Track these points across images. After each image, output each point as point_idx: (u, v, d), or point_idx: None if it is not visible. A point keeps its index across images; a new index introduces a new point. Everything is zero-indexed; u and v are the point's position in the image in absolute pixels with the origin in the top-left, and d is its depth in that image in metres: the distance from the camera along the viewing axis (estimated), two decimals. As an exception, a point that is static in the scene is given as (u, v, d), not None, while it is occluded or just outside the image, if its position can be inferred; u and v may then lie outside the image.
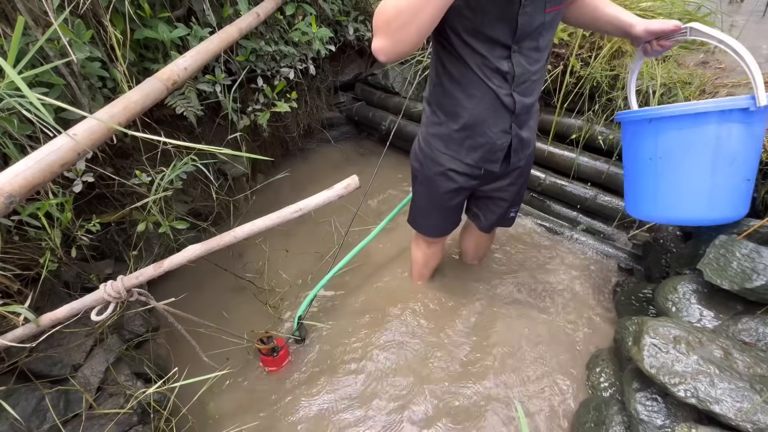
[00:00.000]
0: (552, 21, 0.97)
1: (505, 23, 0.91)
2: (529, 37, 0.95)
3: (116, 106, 0.95)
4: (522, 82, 1.02)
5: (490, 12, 0.89)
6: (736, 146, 0.93)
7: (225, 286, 1.83)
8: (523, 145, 1.21)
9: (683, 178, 1.01)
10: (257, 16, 1.63)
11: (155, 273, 0.98)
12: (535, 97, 1.11)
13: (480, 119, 1.09)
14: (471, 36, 0.95)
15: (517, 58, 0.97)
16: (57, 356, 1.22)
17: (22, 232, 1.18)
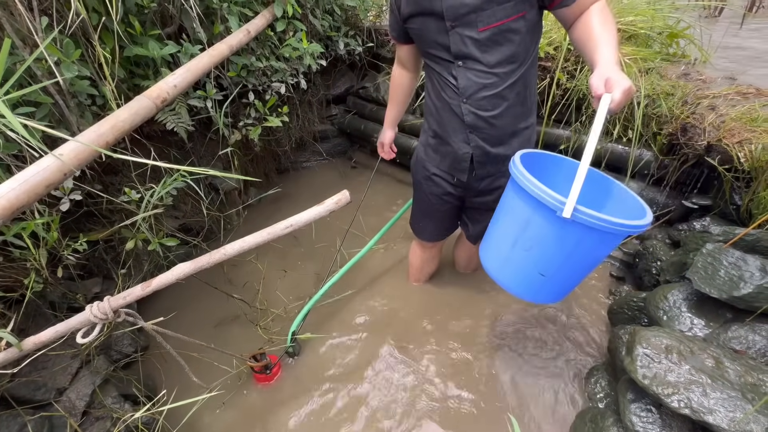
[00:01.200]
0: (491, 38, 0.98)
1: (441, 43, 1.05)
2: (468, 55, 1.03)
3: (104, 125, 0.94)
4: (471, 94, 1.08)
5: (428, 35, 1.06)
6: (537, 237, 0.91)
7: (217, 306, 1.80)
8: (490, 160, 1.21)
9: (496, 231, 1.07)
10: (248, 32, 1.64)
11: (143, 293, 0.96)
12: (499, 112, 1.09)
13: (443, 128, 1.22)
14: (425, 54, 1.15)
15: (462, 72, 1.07)
16: (41, 380, 1.18)
17: (6, 253, 1.15)
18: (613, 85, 0.81)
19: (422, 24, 1.06)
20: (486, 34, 0.98)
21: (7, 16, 1.01)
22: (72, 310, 1.35)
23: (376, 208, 2.42)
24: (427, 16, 1.04)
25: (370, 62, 2.81)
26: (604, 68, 0.85)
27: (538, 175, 0.89)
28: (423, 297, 1.83)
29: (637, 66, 1.75)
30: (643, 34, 1.88)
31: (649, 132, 1.73)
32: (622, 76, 0.82)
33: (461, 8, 0.96)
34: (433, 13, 1.01)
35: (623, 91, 0.79)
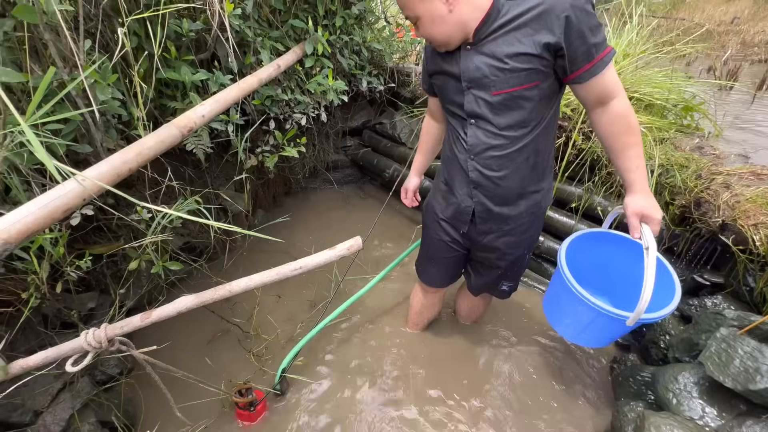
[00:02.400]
0: (504, 102, 1.01)
1: (457, 101, 1.10)
2: (480, 115, 1.07)
3: (130, 152, 0.95)
4: (479, 152, 1.11)
5: (447, 92, 1.12)
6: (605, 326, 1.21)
7: (209, 328, 1.76)
8: (493, 217, 1.21)
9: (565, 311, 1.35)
10: (278, 67, 1.70)
11: (141, 324, 0.93)
12: (505, 173, 1.11)
13: (451, 179, 1.26)
14: (444, 108, 1.21)
15: (473, 129, 1.10)
16: (18, 401, 1.13)
17: (7, 263, 1.14)
18: (650, 221, 1.00)
19: (443, 82, 1.13)
20: (498, 98, 1.01)
21: (54, 38, 1.05)
22: (64, 326, 1.31)
23: (381, 243, 2.41)
24: (447, 76, 1.10)
25: (389, 100, 2.89)
26: (639, 200, 1.01)
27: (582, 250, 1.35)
28: (421, 345, 1.77)
29: (652, 135, 1.78)
30: (659, 105, 1.93)
31: (661, 201, 1.73)
32: (656, 208, 1.00)
33: (476, 72, 1.00)
34: (452, 74, 1.07)
35: (659, 224, 0.99)
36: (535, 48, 0.91)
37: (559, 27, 0.88)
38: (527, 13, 0.91)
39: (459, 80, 1.05)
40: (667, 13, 6.98)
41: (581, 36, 0.89)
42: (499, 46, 0.96)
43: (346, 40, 2.13)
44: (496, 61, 0.97)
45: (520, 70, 0.95)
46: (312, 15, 1.95)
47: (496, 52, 0.96)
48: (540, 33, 0.90)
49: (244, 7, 1.64)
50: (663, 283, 1.21)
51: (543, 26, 0.90)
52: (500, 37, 0.96)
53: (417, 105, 2.62)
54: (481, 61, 0.99)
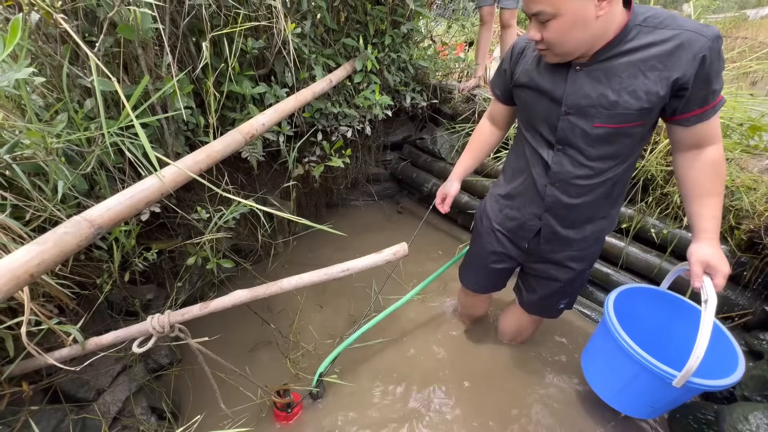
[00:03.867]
0: (603, 136, 0.94)
1: (548, 123, 1.02)
2: (572, 143, 0.99)
3: (201, 154, 1.05)
4: (560, 179, 1.07)
5: (536, 111, 1.03)
6: (647, 386, 1.17)
7: (251, 329, 1.82)
8: (558, 239, 1.19)
9: (604, 366, 1.34)
10: (330, 81, 1.80)
11: (200, 313, 1.00)
12: (582, 201, 1.08)
13: (519, 197, 1.21)
14: (524, 124, 1.13)
15: (559, 156, 1.04)
16: (86, 378, 1.23)
17: (87, 252, 1.26)
18: (716, 273, 0.93)
19: (533, 99, 1.02)
20: (599, 131, 0.94)
21: (143, 53, 1.19)
22: (127, 314, 1.42)
23: (418, 257, 2.41)
24: (541, 93, 0.99)
25: (430, 116, 2.93)
26: (707, 248, 0.94)
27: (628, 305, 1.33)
28: (458, 360, 1.73)
29: (714, 155, 1.68)
30: (721, 124, 1.82)
31: (725, 224, 1.61)
32: (723, 261, 0.93)
33: (582, 99, 0.92)
34: (550, 94, 0.97)
35: (725, 278, 0.92)
36: (660, 87, 0.84)
37: (692, 66, 0.80)
38: (659, 45, 0.82)
39: (558, 103, 0.96)
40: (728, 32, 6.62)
41: (707, 80, 0.82)
42: (618, 76, 0.86)
43: (393, 57, 2.22)
44: (610, 92, 0.88)
45: (633, 108, 0.88)
46: (363, 34, 2.05)
47: (612, 82, 0.87)
48: (670, 70, 0.82)
49: (303, 27, 1.76)
50: (722, 351, 1.15)
51: (675, 63, 0.81)
52: (622, 66, 0.86)
53: (458, 121, 2.64)
54: (592, 87, 0.90)
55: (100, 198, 1.23)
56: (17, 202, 0.90)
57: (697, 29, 0.80)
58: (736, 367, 1.06)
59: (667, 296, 1.32)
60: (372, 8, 2.01)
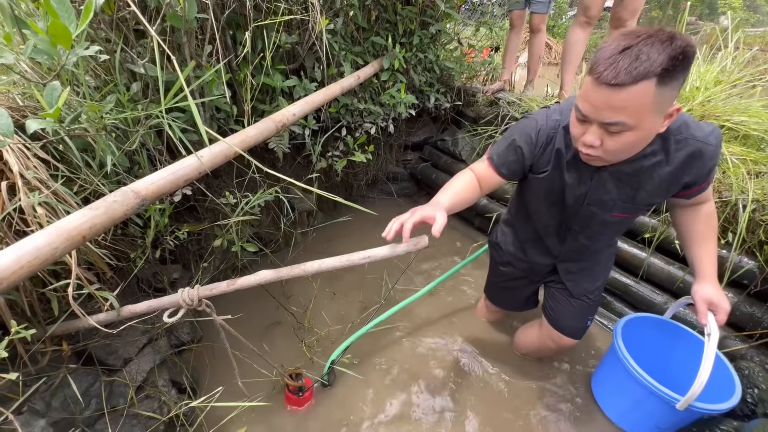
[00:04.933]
0: (621, 221, 1.08)
1: (565, 210, 1.10)
2: (589, 227, 1.10)
3: (236, 138, 1.10)
4: (573, 252, 1.23)
5: (556, 200, 1.09)
6: (654, 408, 1.28)
7: (265, 314, 1.88)
8: (573, 272, 1.33)
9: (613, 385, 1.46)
10: (358, 78, 1.84)
11: (228, 289, 1.05)
12: (591, 258, 1.25)
13: (527, 250, 1.33)
14: (539, 205, 1.16)
15: (574, 234, 1.15)
16: (114, 346, 1.30)
17: (123, 228, 1.34)
18: (718, 310, 1.04)
19: (554, 190, 1.07)
20: (617, 218, 1.06)
21: (188, 41, 1.25)
22: (156, 290, 1.49)
23: (432, 255, 2.42)
24: (564, 188, 1.05)
25: (452, 117, 2.95)
26: (709, 288, 1.06)
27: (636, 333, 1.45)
28: (466, 362, 1.73)
29: (745, 167, 1.64)
30: (755, 136, 1.78)
31: (754, 239, 1.57)
32: (724, 299, 1.05)
33: (606, 195, 1.01)
34: (574, 191, 1.04)
35: (726, 314, 1.03)
36: (673, 187, 0.96)
37: (702, 171, 0.92)
38: (673, 154, 0.91)
39: (581, 197, 1.04)
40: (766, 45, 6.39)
41: (710, 172, 0.95)
42: (638, 176, 0.95)
43: (420, 57, 2.25)
44: (629, 189, 0.97)
45: (648, 202, 1.00)
46: (392, 33, 2.09)
47: (632, 181, 0.96)
48: (682, 175, 0.93)
49: (335, 24, 1.81)
50: (721, 378, 1.24)
51: (687, 169, 0.92)
52: (642, 169, 0.93)
53: (480, 124, 2.65)
54: (614, 185, 0.98)
55: (139, 177, 1.30)
56: (68, 174, 0.97)
57: (704, 138, 0.89)
58: (733, 392, 1.18)
59: (670, 325, 1.46)
60: (402, 8, 2.05)
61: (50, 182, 0.89)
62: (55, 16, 0.67)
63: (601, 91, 0.72)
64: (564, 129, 0.97)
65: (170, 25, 1.14)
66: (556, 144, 0.99)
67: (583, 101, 0.78)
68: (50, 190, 0.87)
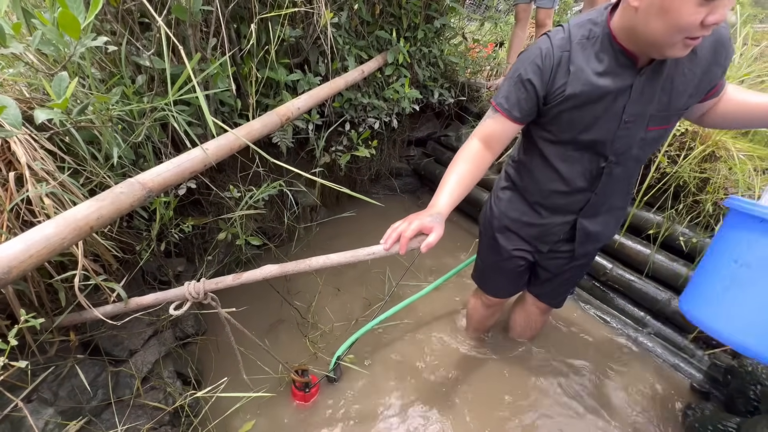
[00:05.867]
0: (656, 138, 0.98)
1: (602, 137, 0.95)
2: (627, 152, 0.98)
3: (241, 131, 1.10)
4: (606, 189, 1.07)
5: (590, 124, 0.93)
6: None
7: (269, 309, 1.89)
8: (589, 239, 1.21)
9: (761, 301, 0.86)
10: (362, 72, 1.84)
11: (233, 283, 1.05)
12: (613, 197, 1.13)
13: (546, 207, 1.15)
14: (567, 141, 0.99)
15: (611, 167, 1.01)
16: (120, 338, 1.31)
17: (128, 220, 1.34)
18: None
19: (586, 112, 0.92)
20: (652, 134, 0.95)
21: (193, 34, 1.25)
22: (161, 283, 1.50)
23: (436, 252, 2.42)
24: (599, 105, 0.90)
25: (456, 113, 2.94)
26: None
27: None
28: (470, 358, 1.74)
29: (753, 163, 1.63)
30: (763, 132, 1.76)
31: None
32: None
33: (643, 106, 0.90)
34: (613, 107, 0.91)
35: None
36: (707, 85, 0.89)
37: (726, 59, 0.87)
38: (703, 43, 0.85)
39: (618, 113, 0.90)
40: (774, 42, 6.27)
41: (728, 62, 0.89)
42: (670, 77, 0.87)
43: (424, 51, 2.24)
44: (663, 94, 0.88)
45: (682, 106, 0.91)
46: (396, 27, 2.08)
47: (665, 84, 0.88)
48: (714, 66, 0.87)
49: (340, 17, 1.80)
50: None
51: (717, 58, 0.86)
52: (671, 66, 0.86)
53: (485, 119, 2.63)
54: (651, 91, 0.88)
55: (144, 169, 1.30)
56: (75, 166, 0.98)
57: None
58: None
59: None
60: (407, 2, 2.03)
61: (57, 174, 0.89)
62: (64, 5, 0.67)
63: None
64: (580, 45, 0.88)
65: (175, 17, 1.14)
66: (575, 61, 0.88)
67: None
68: (57, 182, 0.87)
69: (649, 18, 0.76)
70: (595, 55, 0.87)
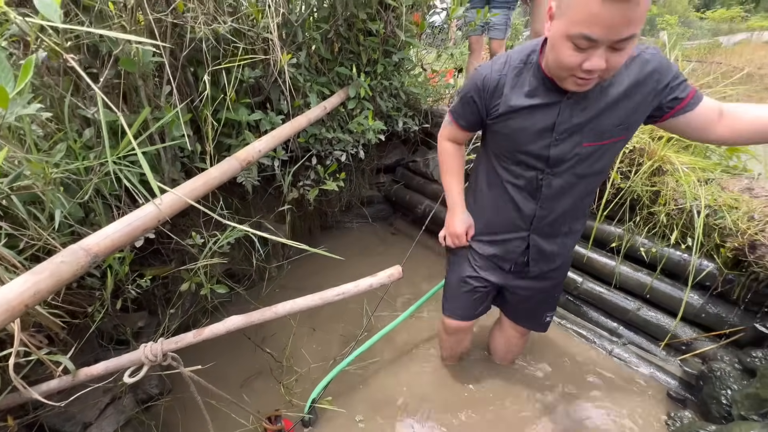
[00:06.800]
0: (593, 154, 1.01)
1: (537, 150, 1.03)
2: (563, 166, 1.04)
3: (198, 181, 1.07)
4: (550, 200, 1.11)
5: (526, 139, 1.03)
6: None
7: (242, 357, 1.79)
8: (544, 257, 1.24)
9: None
10: (324, 108, 1.85)
11: (194, 340, 0.99)
12: (565, 216, 1.15)
13: (498, 224, 1.24)
14: (506, 153, 1.11)
15: (549, 179, 1.07)
16: (71, 412, 1.19)
17: (80, 280, 1.25)
18: None
19: (521, 129, 1.02)
20: (589, 149, 1.00)
21: (143, 84, 1.22)
22: (118, 342, 1.39)
23: (411, 279, 2.41)
24: (531, 123, 1.01)
25: (422, 139, 3.01)
26: None
27: None
28: (452, 386, 1.71)
29: (696, 175, 1.75)
30: (701, 146, 1.90)
31: (711, 243, 1.66)
32: None
33: (575, 123, 0.97)
34: (543, 124, 1.00)
35: None
36: (653, 102, 0.93)
37: (660, 81, 0.91)
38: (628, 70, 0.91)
39: (550, 129, 0.99)
40: (702, 57, 6.96)
41: (677, 77, 0.92)
42: (603, 100, 0.93)
43: (385, 84, 2.30)
44: (597, 113, 0.94)
45: (618, 124, 0.95)
46: (356, 63, 2.13)
47: (599, 104, 0.93)
48: (650, 89, 0.92)
49: (299, 57, 1.83)
50: None
51: (650, 83, 0.91)
52: (604, 90, 0.92)
53: (450, 144, 2.71)
54: (582, 109, 0.95)
55: (95, 225, 1.23)
56: (12, 231, 0.91)
57: (643, 50, 0.92)
58: None
59: None
60: (365, 39, 2.10)
61: (-10, 243, 0.82)
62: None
63: (616, 7, 0.70)
64: (516, 70, 0.99)
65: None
66: (508, 83, 1.01)
67: (590, 26, 0.73)
68: (-10, 252, 0.80)
69: (549, 51, 0.87)
70: (528, 79, 0.99)
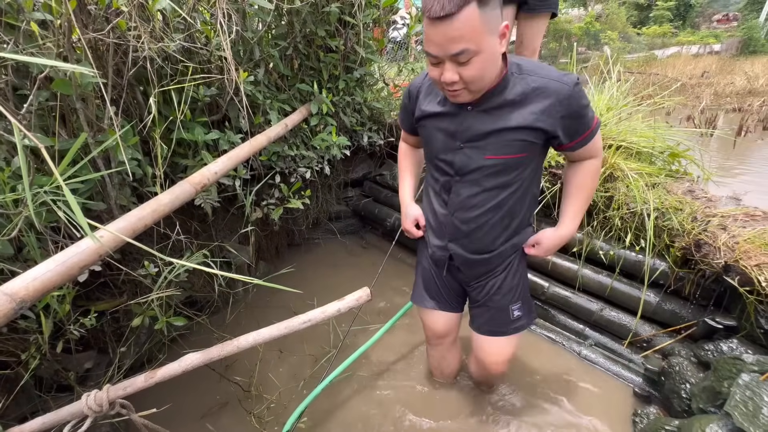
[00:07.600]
0: (496, 167, 1.06)
1: (447, 156, 1.11)
2: (468, 174, 1.10)
3: (146, 209, 0.99)
4: (458, 208, 1.16)
5: (435, 143, 1.13)
6: None
7: (207, 390, 1.67)
8: (470, 263, 1.24)
9: None
10: (285, 126, 1.81)
11: (145, 384, 0.90)
12: (480, 231, 1.17)
13: (429, 227, 1.31)
14: (429, 157, 1.21)
15: (457, 186, 1.14)
16: (4, 475, 1.05)
17: (10, 324, 1.12)
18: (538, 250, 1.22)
19: (433, 133, 1.12)
20: (491, 162, 1.06)
21: (83, 106, 1.13)
22: (60, 389, 1.25)
23: (385, 293, 2.38)
24: (440, 129, 1.10)
25: (388, 152, 3.02)
26: (548, 231, 1.21)
27: None
28: (432, 405, 1.68)
29: (644, 180, 1.86)
30: (646, 153, 2.04)
31: (661, 243, 1.76)
32: (550, 250, 1.20)
33: (476, 134, 1.04)
34: (448, 131, 1.08)
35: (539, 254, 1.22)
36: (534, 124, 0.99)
37: (560, 111, 0.97)
38: (532, 93, 0.98)
39: (454, 137, 1.07)
40: (641, 69, 7.58)
41: (576, 116, 1.00)
42: (502, 117, 1.00)
43: (348, 100, 2.29)
44: (496, 128, 1.01)
45: (516, 140, 1.02)
46: (317, 79, 2.11)
47: (498, 121, 1.01)
48: (539, 113, 0.98)
49: (256, 74, 1.78)
50: None
51: (537, 103, 0.97)
52: (506, 108, 1.00)
53: (416, 157, 2.74)
54: (482, 124, 1.02)
55: (29, 261, 1.11)
56: None
57: (559, 78, 0.97)
58: None
59: None
60: (325, 55, 2.09)
61: None
62: None
63: (437, 27, 0.82)
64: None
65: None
66: (423, 89, 1.14)
67: (428, 45, 0.87)
68: None
69: None
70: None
